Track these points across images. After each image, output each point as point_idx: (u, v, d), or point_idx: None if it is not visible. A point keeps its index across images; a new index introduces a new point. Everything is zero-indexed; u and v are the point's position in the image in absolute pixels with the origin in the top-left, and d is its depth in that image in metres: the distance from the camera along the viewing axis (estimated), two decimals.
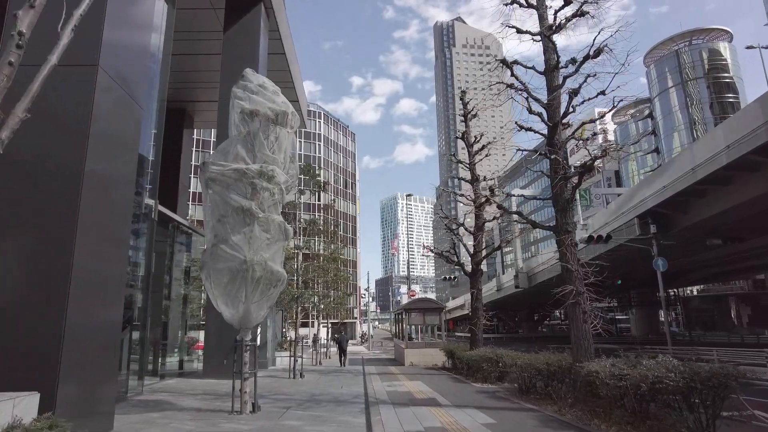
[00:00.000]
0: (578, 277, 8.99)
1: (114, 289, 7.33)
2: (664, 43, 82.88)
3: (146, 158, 12.18)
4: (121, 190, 7.63)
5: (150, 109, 12.46)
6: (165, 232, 16.56)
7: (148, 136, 12.32)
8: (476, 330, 16.80)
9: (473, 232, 17.67)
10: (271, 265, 8.86)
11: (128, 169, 7.91)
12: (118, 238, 7.54)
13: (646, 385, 5.92)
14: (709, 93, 76.54)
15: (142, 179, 12.08)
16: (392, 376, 17.13)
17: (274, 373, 18.03)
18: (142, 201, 12.31)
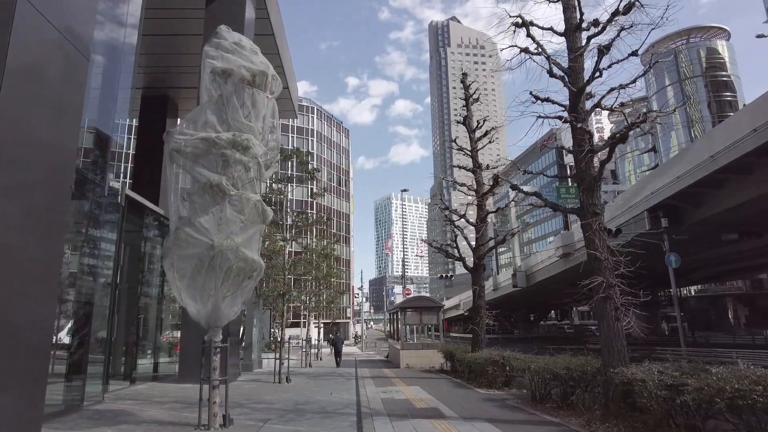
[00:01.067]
0: (608, 267, 7.64)
1: (44, 281, 5.87)
2: (661, 41, 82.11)
3: (107, 134, 10.69)
4: (55, 156, 6.17)
5: (112, 77, 11.00)
6: (139, 222, 15.06)
7: (109, 108, 10.84)
8: (479, 330, 15.44)
9: (475, 224, 16.32)
10: (245, 252, 7.43)
11: (67, 133, 6.45)
12: (50, 216, 6.08)
13: (723, 400, 4.58)
14: (706, 91, 75.89)
15: (100, 157, 10.63)
16: (387, 380, 15.73)
17: (259, 376, 16.57)
18: (105, 183, 10.82)
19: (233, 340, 14.90)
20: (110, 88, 11.43)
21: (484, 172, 16.49)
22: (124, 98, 12.73)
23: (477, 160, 16.84)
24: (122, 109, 12.71)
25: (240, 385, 13.81)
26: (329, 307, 26.36)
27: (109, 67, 11.45)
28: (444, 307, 22.02)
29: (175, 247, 7.67)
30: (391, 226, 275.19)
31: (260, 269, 7.70)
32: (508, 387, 12.75)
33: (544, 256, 37.87)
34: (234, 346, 15.00)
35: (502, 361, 12.70)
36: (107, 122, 10.99)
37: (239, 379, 15.33)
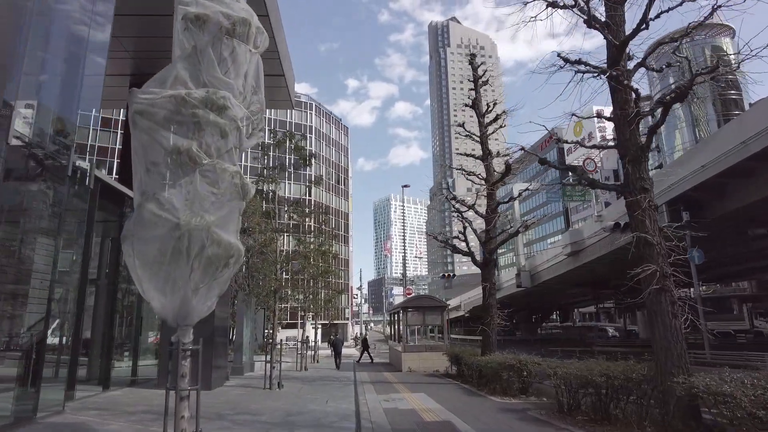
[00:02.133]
0: (662, 254, 6.29)
1: None
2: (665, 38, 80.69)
3: (69, 108, 9.37)
4: None
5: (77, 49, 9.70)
6: (115, 210, 13.71)
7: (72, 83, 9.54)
8: (489, 331, 14.09)
9: (485, 215, 14.97)
10: (219, 234, 6.05)
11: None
12: None
13: None
14: (711, 90, 74.64)
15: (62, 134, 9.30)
16: (389, 385, 14.35)
17: (250, 381, 15.18)
18: (69, 162, 9.46)
19: (220, 341, 13.52)
20: (74, 67, 10.13)
21: (495, 159, 15.15)
22: (96, 73, 11.37)
23: (487, 146, 15.51)
24: (94, 93, 11.41)
25: (225, 392, 12.43)
26: (327, 306, 24.97)
27: (73, 38, 10.16)
28: (449, 307, 20.63)
29: (137, 229, 6.29)
30: (390, 228, 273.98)
31: (238, 255, 6.31)
32: (524, 394, 11.40)
33: (550, 255, 36.54)
34: (221, 347, 13.62)
35: (518, 365, 11.34)
36: (69, 96, 9.69)
37: (226, 384, 13.95)
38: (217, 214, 6.20)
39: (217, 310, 13.57)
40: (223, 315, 13.63)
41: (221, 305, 13.57)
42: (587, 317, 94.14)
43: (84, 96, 9.96)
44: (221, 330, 13.56)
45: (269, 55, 21.85)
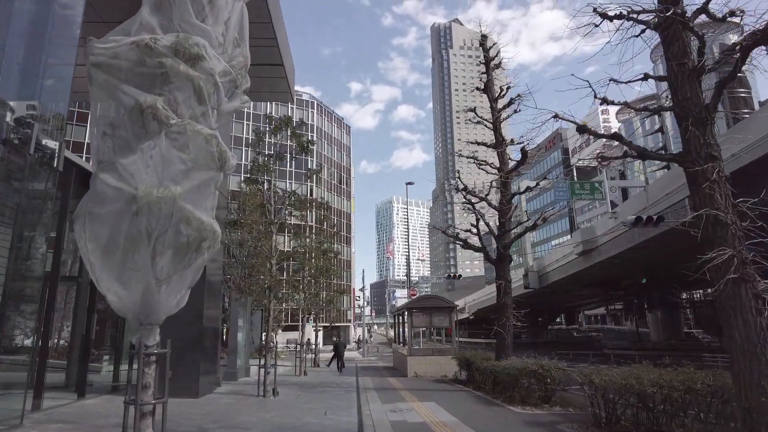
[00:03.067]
0: (737, 236, 5.06)
1: None
2: None
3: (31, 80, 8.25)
4: None
5: None
6: None
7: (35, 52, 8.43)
8: (505, 333, 12.86)
9: (499, 207, 13.76)
10: (189, 210, 4.87)
11: None
12: None
13: None
14: None
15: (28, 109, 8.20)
16: (394, 392, 13.12)
17: (243, 387, 13.98)
18: (32, 138, 8.29)
19: (209, 344, 12.32)
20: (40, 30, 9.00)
21: (510, 146, 13.94)
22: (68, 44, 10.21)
23: (500, 132, 14.31)
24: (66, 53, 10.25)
25: (213, 400, 11.22)
26: (328, 307, 23.74)
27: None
28: (457, 308, 19.39)
29: (91, 205, 5.11)
30: (392, 230, 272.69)
31: (213, 237, 5.12)
32: (547, 404, 10.16)
33: (560, 255, 35.26)
34: (210, 350, 12.42)
35: (541, 371, 10.10)
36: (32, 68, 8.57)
37: (217, 391, 12.74)
38: (186, 185, 5.01)
39: (205, 309, 12.41)
40: (212, 315, 12.45)
41: (210, 304, 12.38)
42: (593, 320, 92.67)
43: (51, 62, 8.82)
44: (211, 331, 12.37)
45: (266, 42, 20.66)
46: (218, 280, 13.18)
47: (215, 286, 12.76)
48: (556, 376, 10.12)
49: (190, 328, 11.61)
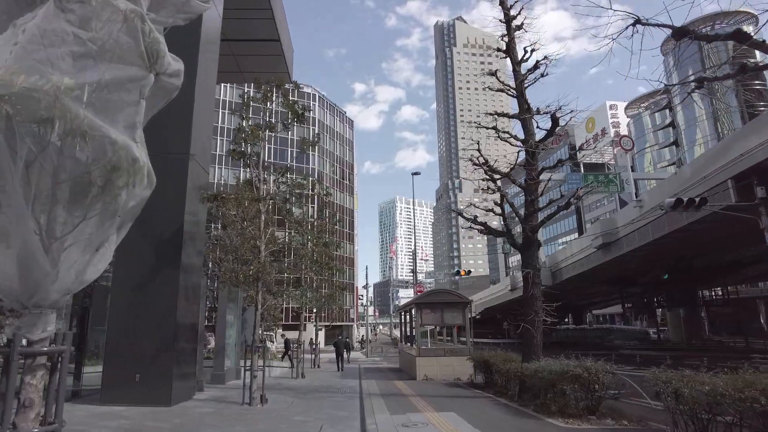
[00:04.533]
0: None
1: None
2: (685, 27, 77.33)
3: None
4: None
5: None
6: None
7: None
8: (534, 331, 10.96)
9: (524, 185, 11.87)
10: (85, 118, 2.96)
11: None
12: None
13: None
14: (734, 81, 71.14)
15: None
16: (404, 399, 11.23)
17: (229, 392, 12.12)
18: None
19: (186, 343, 10.45)
20: None
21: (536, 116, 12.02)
22: None
23: (525, 99, 12.42)
24: None
25: (189, 409, 9.37)
26: (330, 303, 21.86)
27: None
28: (472, 302, 17.49)
29: None
30: (395, 230, 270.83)
31: (133, 169, 3.23)
32: (593, 415, 8.26)
33: (575, 249, 33.27)
34: (188, 351, 10.56)
35: (586, 375, 8.18)
36: None
37: (196, 397, 10.89)
38: (82, 79, 3.08)
39: (180, 302, 10.58)
40: (190, 310, 10.60)
41: (188, 296, 10.51)
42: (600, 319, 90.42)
43: None
44: (188, 328, 10.52)
45: (262, 14, 18.87)
46: (197, 267, 11.33)
47: (193, 275, 10.91)
48: (605, 382, 8.22)
49: (161, 325, 9.77)
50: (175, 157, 10.71)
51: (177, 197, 10.52)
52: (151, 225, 10.34)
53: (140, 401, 9.32)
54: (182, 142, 10.82)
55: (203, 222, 11.90)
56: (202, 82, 11.70)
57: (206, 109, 12.29)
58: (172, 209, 10.45)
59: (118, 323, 9.80)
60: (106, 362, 9.63)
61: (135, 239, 10.33)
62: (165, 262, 10.11)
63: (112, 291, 10.02)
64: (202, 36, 11.64)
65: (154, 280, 10.00)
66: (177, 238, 10.25)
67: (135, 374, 9.46)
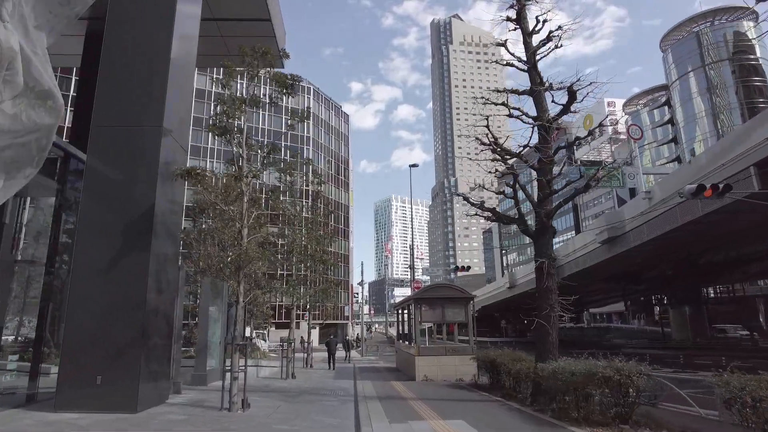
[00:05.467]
0: None
1: None
2: (683, 24, 76.95)
3: None
4: None
5: None
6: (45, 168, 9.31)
7: None
8: (549, 327, 9.79)
9: (538, 165, 10.71)
10: None
11: None
12: None
13: None
14: (734, 77, 70.39)
15: None
16: (404, 403, 10.05)
17: (209, 395, 10.88)
18: None
19: (157, 339, 9.22)
20: None
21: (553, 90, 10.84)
22: None
23: (538, 72, 11.26)
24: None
25: (157, 416, 8.13)
26: (324, 299, 20.63)
27: None
28: (475, 298, 16.31)
29: None
30: (390, 228, 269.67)
31: None
32: (625, 424, 7.10)
33: (578, 245, 32.20)
34: (159, 348, 9.32)
35: (618, 377, 7.02)
36: None
37: (170, 401, 9.66)
38: None
39: (152, 293, 9.35)
40: (162, 302, 9.37)
41: (160, 287, 9.29)
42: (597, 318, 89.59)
43: None
44: (160, 323, 9.29)
45: None
46: (172, 256, 10.08)
47: (167, 264, 9.68)
48: (640, 385, 7.07)
49: (126, 320, 8.54)
50: (145, 130, 9.47)
51: (147, 175, 9.28)
52: (117, 206, 9.12)
53: (101, 407, 8.09)
54: (154, 114, 9.57)
55: (179, 206, 10.65)
56: (180, 45, 10.45)
57: (185, 77, 11.03)
58: (142, 189, 9.21)
59: (78, 316, 8.55)
60: (62, 361, 8.38)
61: (99, 221, 9.10)
62: (133, 247, 8.87)
63: (72, 279, 8.77)
64: None
65: (120, 267, 8.76)
66: (147, 221, 9.01)
67: (96, 375, 8.23)
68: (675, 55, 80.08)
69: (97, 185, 9.14)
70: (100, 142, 9.35)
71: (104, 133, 9.39)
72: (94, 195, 9.08)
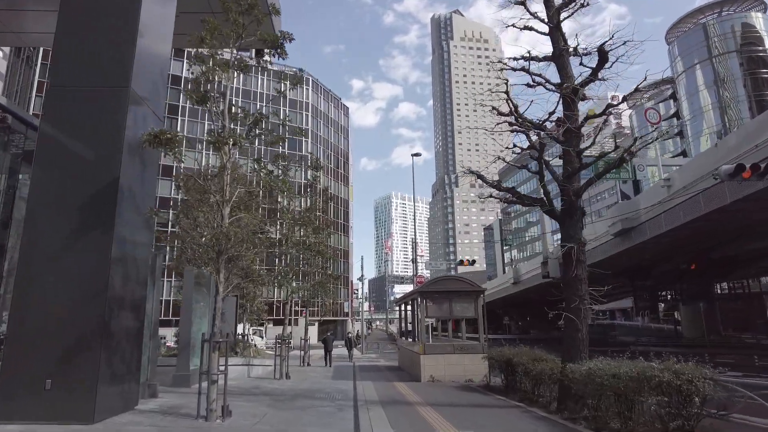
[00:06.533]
0: None
1: None
2: (690, 15, 75.46)
3: None
4: None
5: None
6: None
7: None
8: (578, 322, 8.46)
9: (562, 137, 9.35)
10: None
11: None
12: None
13: None
14: (741, 69, 68.89)
15: None
16: (410, 410, 8.72)
17: (187, 400, 9.50)
18: None
19: (121, 335, 7.87)
20: None
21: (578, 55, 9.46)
22: None
23: (562, 33, 9.90)
24: None
25: (117, 428, 6.78)
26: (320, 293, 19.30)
27: None
28: (485, 291, 14.97)
29: None
30: (390, 226, 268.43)
31: None
32: None
33: (589, 237, 30.77)
34: (124, 344, 7.96)
35: (678, 383, 5.68)
36: None
37: (140, 407, 8.31)
38: None
39: (115, 279, 7.98)
40: (129, 290, 8.02)
41: (126, 272, 7.94)
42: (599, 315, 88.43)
43: None
44: (126, 315, 7.93)
45: None
46: (143, 239, 8.72)
47: (136, 247, 8.33)
48: (706, 393, 5.73)
49: (83, 313, 7.21)
50: (109, 92, 8.10)
51: (111, 144, 7.91)
52: (75, 179, 7.76)
53: (51, 416, 6.76)
54: (120, 74, 8.20)
55: (151, 182, 9.28)
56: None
57: (159, 37, 9.66)
58: (105, 160, 7.85)
59: (25, 307, 7.20)
60: (4, 361, 7.03)
61: (53, 197, 7.71)
62: (93, 227, 7.52)
63: (20, 264, 7.42)
64: None
65: (77, 250, 7.42)
66: (110, 197, 7.65)
67: (45, 378, 6.89)
68: (681, 48, 78.50)
69: (51, 155, 7.78)
70: (56, 105, 7.99)
71: (61, 94, 8.03)
72: (48, 166, 7.73)
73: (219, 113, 8.89)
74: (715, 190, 16.88)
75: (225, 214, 8.07)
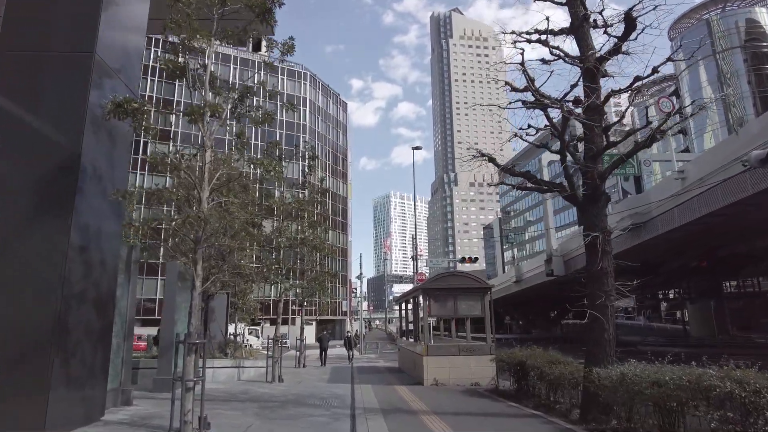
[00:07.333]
0: None
1: None
2: (693, 10, 74.48)
3: None
4: None
5: None
6: None
7: None
8: (604, 320, 7.45)
9: (583, 115, 8.36)
10: None
11: None
12: None
13: None
14: (745, 65, 67.98)
15: None
16: (414, 419, 7.70)
17: (164, 409, 8.50)
18: None
19: (81, 337, 6.84)
20: None
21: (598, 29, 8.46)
22: None
23: (583, 2, 8.90)
24: None
25: None
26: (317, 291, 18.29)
27: None
28: (492, 288, 13.96)
29: None
30: (389, 225, 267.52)
31: None
32: None
33: None
34: (85, 345, 6.93)
35: (744, 394, 4.68)
36: None
37: (107, 418, 7.30)
38: None
39: (75, 271, 6.87)
40: (93, 283, 7.00)
41: (89, 262, 6.90)
42: None
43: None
44: (88, 313, 6.91)
45: None
46: (110, 226, 7.69)
47: (101, 236, 7.31)
48: None
49: (33, 309, 6.18)
50: (69, 58, 7.07)
51: (72, 117, 6.89)
52: (28, 157, 6.73)
53: None
54: (83, 38, 7.18)
55: (122, 164, 8.25)
56: None
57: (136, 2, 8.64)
58: (64, 135, 6.83)
59: None
60: None
61: (3, 176, 6.74)
62: (48, 212, 6.51)
63: None
64: None
65: (28, 238, 6.40)
66: (69, 178, 6.64)
67: None
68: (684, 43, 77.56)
69: (0, 129, 6.76)
70: (7, 72, 6.96)
71: (14, 60, 7.01)
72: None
73: (200, 84, 7.86)
74: (735, 181, 15.92)
75: (203, 197, 7.04)
